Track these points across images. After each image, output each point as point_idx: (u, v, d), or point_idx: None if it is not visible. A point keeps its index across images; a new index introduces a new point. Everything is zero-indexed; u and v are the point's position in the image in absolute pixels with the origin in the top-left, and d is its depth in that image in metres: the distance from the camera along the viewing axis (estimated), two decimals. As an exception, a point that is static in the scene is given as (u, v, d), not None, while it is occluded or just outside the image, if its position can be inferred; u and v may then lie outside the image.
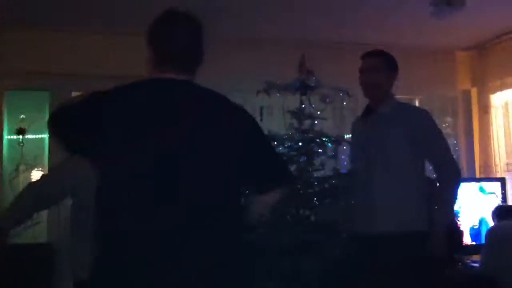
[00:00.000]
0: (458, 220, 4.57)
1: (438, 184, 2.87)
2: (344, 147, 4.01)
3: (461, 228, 4.61)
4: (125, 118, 1.64)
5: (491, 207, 4.34)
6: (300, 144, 3.78)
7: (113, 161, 1.63)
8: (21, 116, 4.57)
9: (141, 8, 1.90)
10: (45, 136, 4.53)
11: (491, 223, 4.30)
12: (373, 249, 2.71)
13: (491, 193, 4.77)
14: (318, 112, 3.92)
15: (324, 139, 3.84)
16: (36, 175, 4.62)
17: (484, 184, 4.83)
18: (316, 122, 3.87)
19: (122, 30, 4.28)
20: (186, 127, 1.64)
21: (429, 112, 2.98)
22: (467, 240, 4.64)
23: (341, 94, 3.86)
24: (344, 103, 4.02)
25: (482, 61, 5.34)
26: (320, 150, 3.81)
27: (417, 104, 5.35)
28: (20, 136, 4.51)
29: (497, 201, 4.70)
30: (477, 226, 4.69)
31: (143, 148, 1.61)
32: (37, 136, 4.57)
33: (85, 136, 1.68)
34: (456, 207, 4.24)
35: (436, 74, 5.26)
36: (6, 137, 4.58)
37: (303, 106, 3.91)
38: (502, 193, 4.77)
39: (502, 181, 4.87)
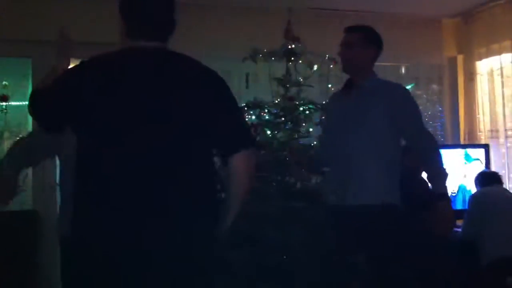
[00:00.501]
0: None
1: (421, 159, 2.92)
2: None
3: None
4: (99, 87, 1.75)
5: (473, 174, 4.40)
6: (286, 111, 3.79)
7: (90, 128, 1.76)
8: (4, 82, 4.50)
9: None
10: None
11: (473, 190, 4.36)
12: (348, 220, 2.75)
13: (476, 159, 4.83)
14: (303, 79, 3.91)
15: (310, 106, 3.84)
16: (20, 142, 4.59)
17: (469, 151, 4.88)
18: (302, 89, 3.87)
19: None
20: (158, 92, 1.76)
21: (408, 90, 3.02)
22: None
23: (327, 61, 3.85)
24: (331, 71, 4.00)
25: (468, 28, 5.33)
26: (306, 118, 3.82)
27: (403, 71, 5.36)
28: (4, 103, 4.46)
29: (481, 167, 4.76)
30: (455, 194, 4.74)
31: (117, 115, 1.74)
32: (20, 103, 4.52)
33: (63, 111, 1.80)
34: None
35: (423, 42, 5.24)
36: (-11, 104, 4.53)
37: (289, 73, 3.90)
38: (486, 160, 4.83)
39: (486, 147, 4.93)
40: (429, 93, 5.52)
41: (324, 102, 3.72)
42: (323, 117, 3.59)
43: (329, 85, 4.13)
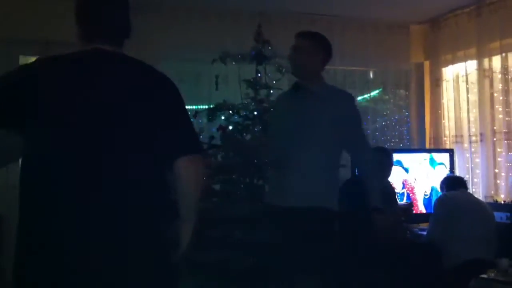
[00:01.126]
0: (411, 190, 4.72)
1: (359, 169, 3.02)
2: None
3: (412, 198, 4.76)
4: (47, 87, 1.73)
5: (440, 178, 4.48)
6: (255, 113, 3.79)
7: (34, 129, 1.73)
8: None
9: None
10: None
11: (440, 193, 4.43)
12: (283, 221, 2.78)
13: (441, 163, 4.91)
14: (274, 82, 3.92)
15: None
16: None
17: (434, 155, 4.97)
18: (272, 92, 3.87)
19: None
20: (104, 95, 1.76)
21: (353, 97, 3.08)
22: (421, 208, 4.79)
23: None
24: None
25: (435, 35, 5.42)
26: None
27: (371, 76, 5.42)
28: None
29: (445, 171, 4.84)
30: (428, 196, 4.83)
31: (66, 120, 1.72)
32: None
33: (8, 107, 1.75)
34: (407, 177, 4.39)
35: (391, 47, 5.32)
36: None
37: (259, 75, 3.90)
38: (450, 164, 4.91)
39: (451, 152, 5.01)
40: (396, 98, 5.59)
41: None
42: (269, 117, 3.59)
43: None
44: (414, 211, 4.54)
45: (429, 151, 5.20)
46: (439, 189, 4.49)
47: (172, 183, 1.88)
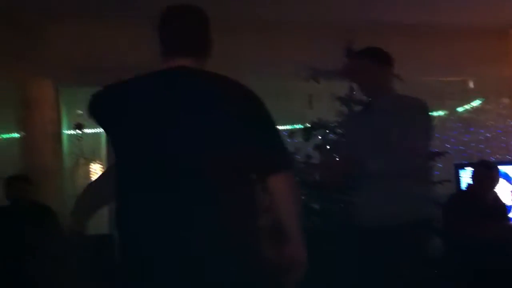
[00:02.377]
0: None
1: None
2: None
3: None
4: (134, 105, 1.80)
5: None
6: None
7: (123, 143, 1.81)
8: (78, 111, 4.73)
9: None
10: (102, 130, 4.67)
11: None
12: (369, 239, 2.70)
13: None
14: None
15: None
16: (94, 168, 4.78)
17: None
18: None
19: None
20: (188, 113, 1.76)
21: (425, 104, 2.95)
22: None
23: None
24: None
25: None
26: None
27: (471, 85, 5.22)
28: (78, 131, 4.67)
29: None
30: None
31: (149, 134, 1.76)
32: (94, 130, 4.72)
33: (104, 118, 1.90)
34: None
35: (489, 54, 5.09)
36: (65, 132, 4.76)
37: (353, 92, 3.88)
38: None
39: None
40: (499, 107, 5.35)
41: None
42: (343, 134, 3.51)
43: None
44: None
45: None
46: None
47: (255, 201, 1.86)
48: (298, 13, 4.58)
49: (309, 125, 3.81)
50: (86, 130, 4.69)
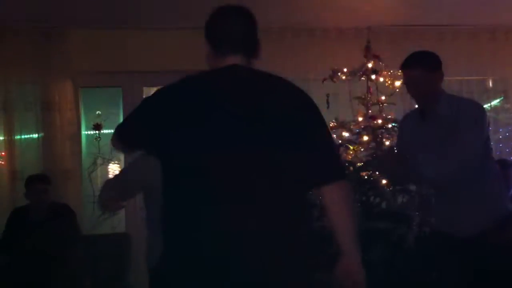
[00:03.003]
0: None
1: None
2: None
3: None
4: (187, 107, 1.70)
5: None
6: (369, 130, 3.76)
7: (176, 156, 1.68)
8: (97, 112, 4.78)
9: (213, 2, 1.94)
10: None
11: None
12: (460, 251, 2.66)
13: None
14: (385, 97, 3.88)
15: (393, 124, 3.79)
16: (112, 168, 4.82)
17: None
18: (384, 106, 3.83)
19: (193, 25, 4.35)
20: (248, 113, 1.67)
21: (478, 104, 2.88)
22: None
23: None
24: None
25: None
26: (388, 135, 3.78)
27: (490, 84, 5.16)
28: (97, 131, 4.72)
29: None
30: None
31: (206, 135, 1.65)
32: (112, 130, 4.73)
33: (151, 130, 1.75)
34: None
35: (509, 53, 5.02)
36: (84, 132, 4.81)
37: (370, 91, 3.88)
38: None
39: None
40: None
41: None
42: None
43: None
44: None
45: None
46: None
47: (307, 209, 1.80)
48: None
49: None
50: (104, 131, 4.73)
